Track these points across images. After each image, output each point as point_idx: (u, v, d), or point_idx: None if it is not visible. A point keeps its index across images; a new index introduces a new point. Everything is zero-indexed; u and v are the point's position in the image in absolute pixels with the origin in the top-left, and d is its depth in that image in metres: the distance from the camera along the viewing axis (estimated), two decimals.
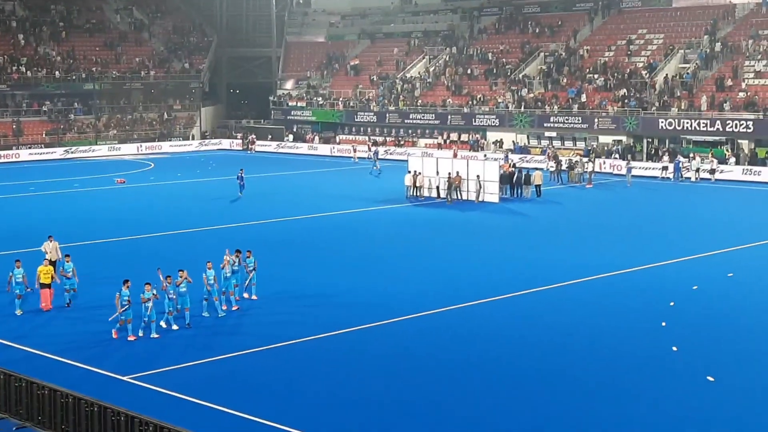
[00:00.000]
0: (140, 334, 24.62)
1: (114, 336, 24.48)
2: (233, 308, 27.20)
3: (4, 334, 25.02)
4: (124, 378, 21.50)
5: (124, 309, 24.28)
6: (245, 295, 28.37)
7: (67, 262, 28.08)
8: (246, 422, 18.93)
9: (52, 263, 29.75)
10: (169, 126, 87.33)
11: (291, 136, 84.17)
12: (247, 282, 28.36)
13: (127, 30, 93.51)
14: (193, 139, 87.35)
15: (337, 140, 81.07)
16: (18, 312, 27.05)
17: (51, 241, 30.93)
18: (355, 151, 74.34)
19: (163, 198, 52.62)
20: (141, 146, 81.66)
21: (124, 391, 20.54)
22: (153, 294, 24.60)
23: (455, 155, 62.69)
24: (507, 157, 63.52)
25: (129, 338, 24.33)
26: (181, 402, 20.01)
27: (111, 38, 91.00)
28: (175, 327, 25.34)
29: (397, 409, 19.82)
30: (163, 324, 25.26)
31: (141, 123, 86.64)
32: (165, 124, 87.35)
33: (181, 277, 25.66)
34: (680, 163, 59.80)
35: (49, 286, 27.44)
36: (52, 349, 23.56)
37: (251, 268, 28.26)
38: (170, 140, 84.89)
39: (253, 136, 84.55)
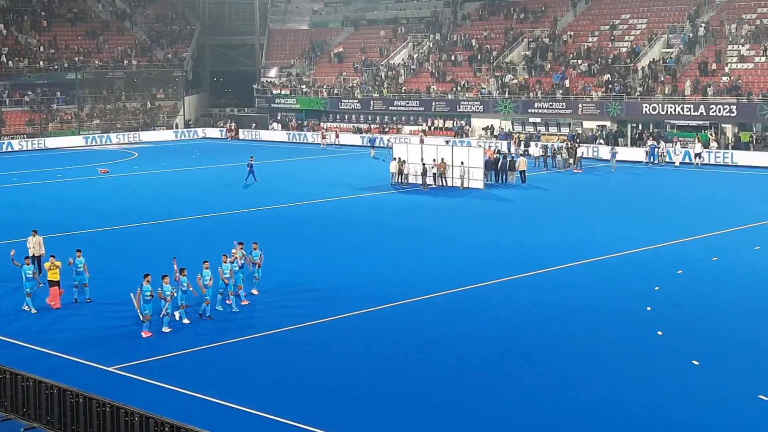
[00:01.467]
0: (167, 329, 24.14)
1: (144, 335, 23.74)
2: (243, 303, 26.53)
3: (15, 333, 24.31)
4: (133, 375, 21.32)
5: (146, 301, 23.64)
6: (254, 292, 27.64)
7: (79, 257, 27.12)
8: (236, 413, 18.92)
9: (37, 259, 29.49)
10: (153, 115, 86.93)
11: (276, 124, 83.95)
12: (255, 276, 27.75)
13: (109, 19, 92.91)
14: (176, 128, 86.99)
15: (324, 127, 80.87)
16: (32, 310, 26.14)
17: (35, 236, 30.19)
18: (323, 137, 75.33)
19: (147, 187, 52.45)
20: (124, 135, 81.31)
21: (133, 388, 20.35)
22: (171, 290, 24.09)
23: (422, 141, 63.39)
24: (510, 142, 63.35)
25: (144, 334, 23.69)
26: (194, 400, 19.87)
27: (93, 27, 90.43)
28: (186, 320, 24.86)
29: (385, 396, 19.84)
30: (176, 315, 24.82)
31: (124, 112, 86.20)
32: (148, 113, 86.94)
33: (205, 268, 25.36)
34: (655, 148, 60.13)
35: (57, 283, 26.49)
36: (61, 347, 22.98)
37: (257, 261, 27.58)
38: (154, 129, 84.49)
39: (233, 125, 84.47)
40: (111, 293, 27.50)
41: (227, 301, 26.14)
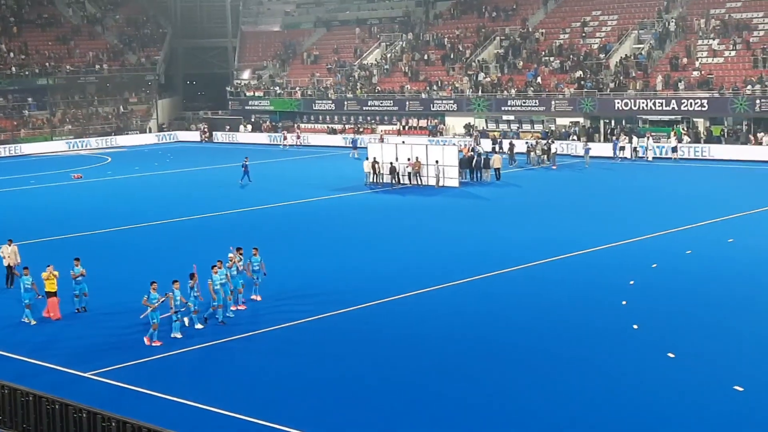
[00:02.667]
0: (178, 335, 23.85)
1: (147, 342, 23.32)
2: (240, 307, 26.21)
3: (15, 347, 23.70)
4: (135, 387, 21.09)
5: (154, 307, 23.29)
6: (254, 297, 27.29)
7: (77, 265, 26.52)
8: (214, 415, 18.88)
9: (9, 268, 29.14)
10: (126, 119, 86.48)
11: (249, 126, 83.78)
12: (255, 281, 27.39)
13: (79, 24, 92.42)
14: (150, 132, 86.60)
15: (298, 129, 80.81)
16: (32, 322, 25.48)
17: (10, 245, 29.75)
18: (285, 138, 76.18)
19: (120, 192, 52.18)
20: (97, 140, 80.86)
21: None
22: (180, 297, 23.81)
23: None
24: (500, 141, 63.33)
25: (154, 343, 23.27)
26: (173, 404, 19.77)
27: (64, 32, 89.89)
28: (199, 326, 24.60)
29: (364, 394, 19.86)
30: (185, 321, 24.53)
31: (96, 117, 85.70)
32: (121, 117, 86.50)
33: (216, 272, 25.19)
34: (617, 143, 60.52)
35: (55, 294, 25.77)
36: (61, 361, 22.39)
37: (256, 268, 27.17)
38: (127, 134, 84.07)
39: (205, 126, 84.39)
40: (92, 300, 27.11)
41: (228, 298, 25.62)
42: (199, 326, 24.65)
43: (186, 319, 24.53)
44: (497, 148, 60.76)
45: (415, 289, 28.10)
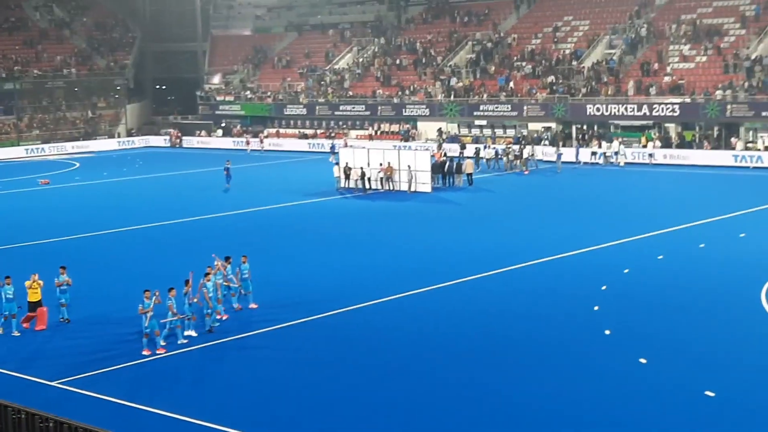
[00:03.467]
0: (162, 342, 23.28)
1: (147, 353, 22.76)
2: (223, 317, 25.45)
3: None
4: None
5: (148, 315, 22.70)
6: (252, 305, 26.64)
7: (62, 274, 25.73)
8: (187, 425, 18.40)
9: None
10: (94, 124, 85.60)
11: (220, 131, 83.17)
12: (242, 290, 26.72)
13: (47, 27, 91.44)
14: (118, 137, 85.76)
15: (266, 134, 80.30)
16: (15, 333, 24.58)
17: None
18: (248, 143, 76.39)
19: (88, 198, 51.58)
20: (65, 146, 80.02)
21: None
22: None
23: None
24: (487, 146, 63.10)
25: (158, 351, 22.66)
26: (144, 413, 19.28)
27: (31, 36, 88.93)
28: (194, 333, 24.01)
29: (334, 400, 19.52)
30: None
31: (64, 122, 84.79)
32: (89, 122, 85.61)
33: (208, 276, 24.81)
34: (579, 149, 60.63)
35: (39, 303, 24.94)
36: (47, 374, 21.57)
37: (246, 276, 26.55)
38: (95, 139, 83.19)
39: (172, 131, 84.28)
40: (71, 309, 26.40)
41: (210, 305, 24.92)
42: (192, 333, 24.04)
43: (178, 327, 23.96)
44: (486, 149, 60.51)
45: (384, 295, 27.74)
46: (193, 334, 24.09)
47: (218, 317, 25.09)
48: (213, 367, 22.04)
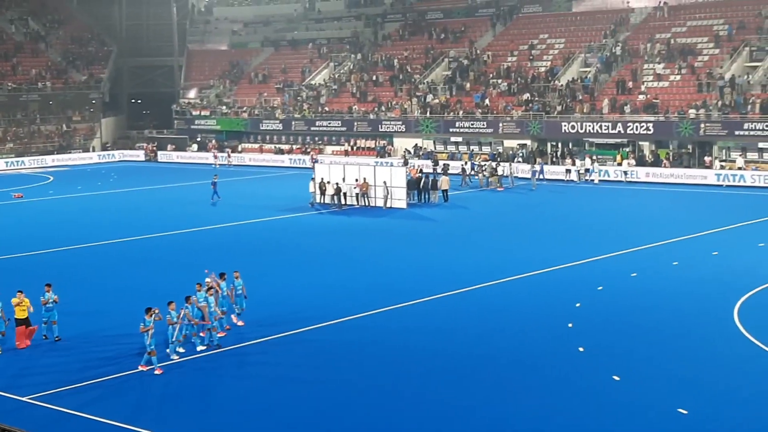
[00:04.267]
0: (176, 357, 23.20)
1: (143, 369, 22.52)
2: (221, 334, 25.16)
3: None
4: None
5: (150, 333, 22.37)
6: (239, 323, 26.38)
7: (48, 291, 25.24)
8: None
9: None
10: (69, 138, 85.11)
11: (195, 146, 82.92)
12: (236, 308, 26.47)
13: (22, 41, 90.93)
14: (93, 150, 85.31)
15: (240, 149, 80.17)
16: None
17: None
18: (215, 157, 76.57)
19: (62, 212, 51.21)
20: (40, 159, 79.50)
21: None
22: (177, 316, 23.16)
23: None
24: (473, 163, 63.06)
25: (156, 371, 22.34)
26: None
27: (6, 49, 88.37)
28: (181, 350, 23.82)
29: (310, 417, 19.36)
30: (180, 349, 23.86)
31: (39, 136, 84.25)
32: (64, 136, 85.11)
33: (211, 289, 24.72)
34: (542, 166, 60.94)
35: (25, 321, 24.49)
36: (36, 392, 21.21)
37: (239, 292, 26.33)
38: (70, 152, 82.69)
39: (146, 145, 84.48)
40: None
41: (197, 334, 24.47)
42: (181, 350, 23.85)
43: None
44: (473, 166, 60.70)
45: (358, 312, 27.66)
46: (181, 350, 23.96)
47: (219, 335, 24.84)
48: (188, 384, 21.89)
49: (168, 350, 23.45)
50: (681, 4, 72.79)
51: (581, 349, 23.59)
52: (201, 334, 24.33)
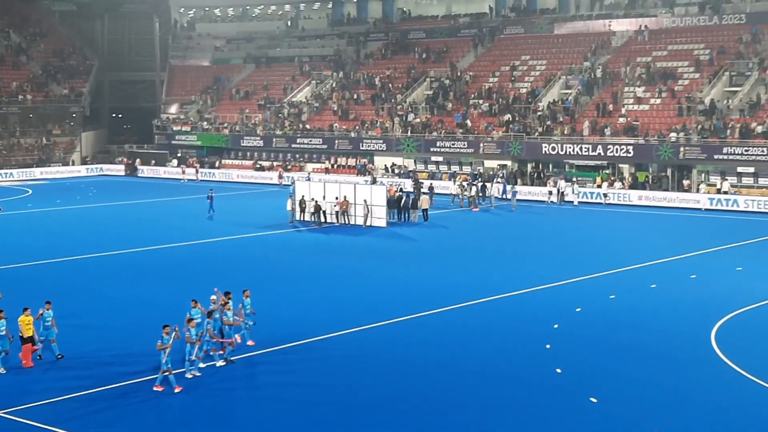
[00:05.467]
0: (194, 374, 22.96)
1: (159, 389, 22.05)
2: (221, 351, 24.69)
3: None
4: None
5: (167, 351, 21.93)
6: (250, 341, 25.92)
7: (47, 309, 24.65)
8: None
9: None
10: (48, 151, 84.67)
11: (175, 161, 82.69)
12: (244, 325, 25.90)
13: (3, 53, 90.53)
14: (73, 164, 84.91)
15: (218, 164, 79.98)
16: (1, 370, 23.50)
17: None
18: (183, 172, 77.44)
19: (41, 225, 50.85)
20: (19, 172, 79.06)
21: None
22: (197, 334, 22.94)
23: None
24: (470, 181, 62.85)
25: (176, 389, 21.93)
26: None
27: None
28: (196, 372, 23.42)
29: None
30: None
31: (18, 148, 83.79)
32: (44, 149, 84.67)
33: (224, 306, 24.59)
34: (512, 188, 60.53)
35: (31, 340, 23.93)
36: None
37: (248, 311, 25.83)
38: (49, 166, 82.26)
39: (124, 159, 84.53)
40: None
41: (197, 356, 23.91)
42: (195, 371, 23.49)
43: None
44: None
45: (336, 330, 27.54)
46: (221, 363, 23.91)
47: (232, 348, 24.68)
48: (167, 400, 21.68)
49: (187, 368, 23.07)
50: (662, 29, 73.34)
51: (559, 370, 23.55)
52: (220, 351, 24.11)
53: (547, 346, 25.76)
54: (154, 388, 22.13)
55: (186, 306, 24.78)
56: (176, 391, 21.95)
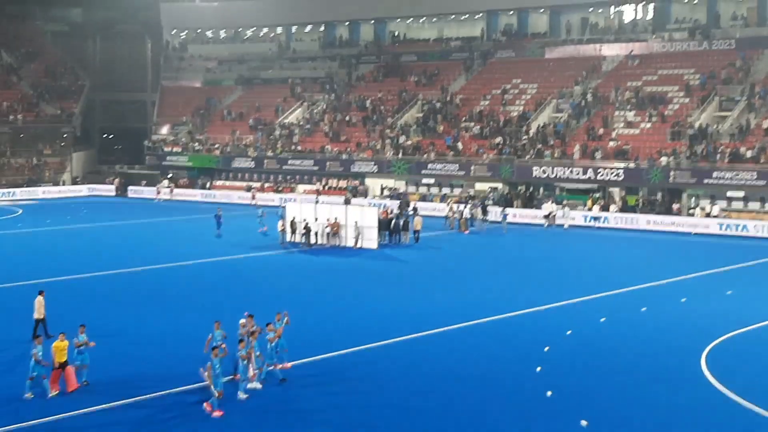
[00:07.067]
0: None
1: (212, 412, 21.74)
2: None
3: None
4: None
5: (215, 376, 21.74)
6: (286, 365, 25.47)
7: (81, 333, 24.13)
8: None
9: (41, 321, 27.63)
10: (39, 172, 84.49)
11: (165, 182, 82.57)
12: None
13: None
14: (63, 184, 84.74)
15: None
16: (28, 395, 22.74)
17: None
18: (158, 192, 78.36)
19: (31, 245, 50.68)
20: (9, 192, 78.88)
21: None
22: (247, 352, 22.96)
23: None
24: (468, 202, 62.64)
25: (217, 414, 21.61)
26: None
27: None
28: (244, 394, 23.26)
29: None
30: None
31: (8, 168, 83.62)
32: (34, 169, 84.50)
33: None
34: (502, 210, 60.20)
35: (65, 365, 23.32)
36: None
37: (279, 331, 25.24)
38: (39, 186, 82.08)
39: (117, 180, 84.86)
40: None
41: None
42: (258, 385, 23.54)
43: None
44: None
45: (323, 352, 27.41)
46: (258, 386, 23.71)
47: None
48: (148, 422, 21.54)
49: (242, 389, 23.01)
50: (652, 53, 73.77)
51: (549, 393, 23.48)
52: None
53: (538, 369, 25.69)
54: (209, 411, 21.82)
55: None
56: (217, 415, 21.64)
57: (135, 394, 23.15)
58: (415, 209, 59.95)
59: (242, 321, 25.43)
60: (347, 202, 63.03)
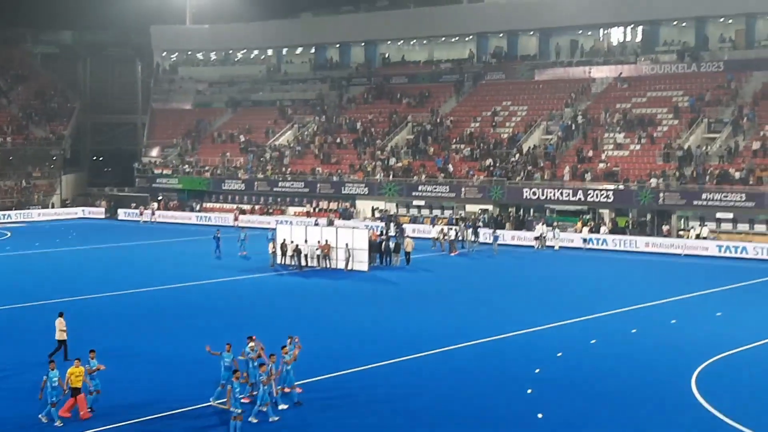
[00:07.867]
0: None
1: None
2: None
3: None
4: None
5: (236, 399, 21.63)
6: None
7: (92, 358, 23.96)
8: None
9: (62, 342, 27.76)
10: (28, 194, 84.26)
11: (156, 204, 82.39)
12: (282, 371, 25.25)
13: None
14: (52, 207, 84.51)
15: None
16: (58, 423, 22.49)
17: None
18: (141, 213, 78.75)
19: (18, 269, 50.46)
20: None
21: None
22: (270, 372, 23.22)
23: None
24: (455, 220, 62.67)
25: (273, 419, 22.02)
26: None
27: None
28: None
29: None
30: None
31: None
32: (23, 192, 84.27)
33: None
34: (492, 232, 60.29)
35: (78, 391, 23.13)
36: None
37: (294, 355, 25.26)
38: (28, 208, 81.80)
39: (103, 202, 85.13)
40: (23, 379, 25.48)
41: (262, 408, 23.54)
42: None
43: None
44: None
45: (315, 375, 27.30)
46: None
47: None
48: None
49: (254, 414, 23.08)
50: (641, 76, 74.15)
51: (540, 415, 23.43)
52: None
53: (529, 391, 25.64)
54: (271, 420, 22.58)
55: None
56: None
57: (134, 416, 23.10)
58: (401, 228, 60.00)
59: (251, 345, 25.31)
60: (330, 223, 63.13)
